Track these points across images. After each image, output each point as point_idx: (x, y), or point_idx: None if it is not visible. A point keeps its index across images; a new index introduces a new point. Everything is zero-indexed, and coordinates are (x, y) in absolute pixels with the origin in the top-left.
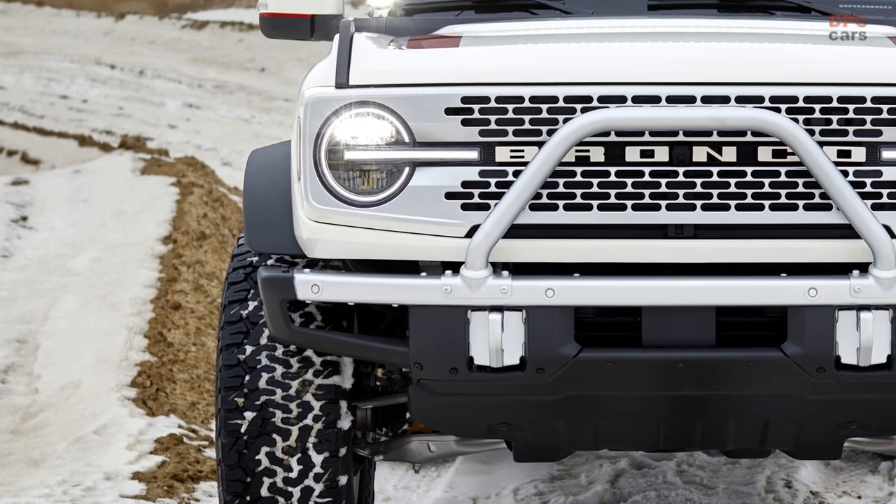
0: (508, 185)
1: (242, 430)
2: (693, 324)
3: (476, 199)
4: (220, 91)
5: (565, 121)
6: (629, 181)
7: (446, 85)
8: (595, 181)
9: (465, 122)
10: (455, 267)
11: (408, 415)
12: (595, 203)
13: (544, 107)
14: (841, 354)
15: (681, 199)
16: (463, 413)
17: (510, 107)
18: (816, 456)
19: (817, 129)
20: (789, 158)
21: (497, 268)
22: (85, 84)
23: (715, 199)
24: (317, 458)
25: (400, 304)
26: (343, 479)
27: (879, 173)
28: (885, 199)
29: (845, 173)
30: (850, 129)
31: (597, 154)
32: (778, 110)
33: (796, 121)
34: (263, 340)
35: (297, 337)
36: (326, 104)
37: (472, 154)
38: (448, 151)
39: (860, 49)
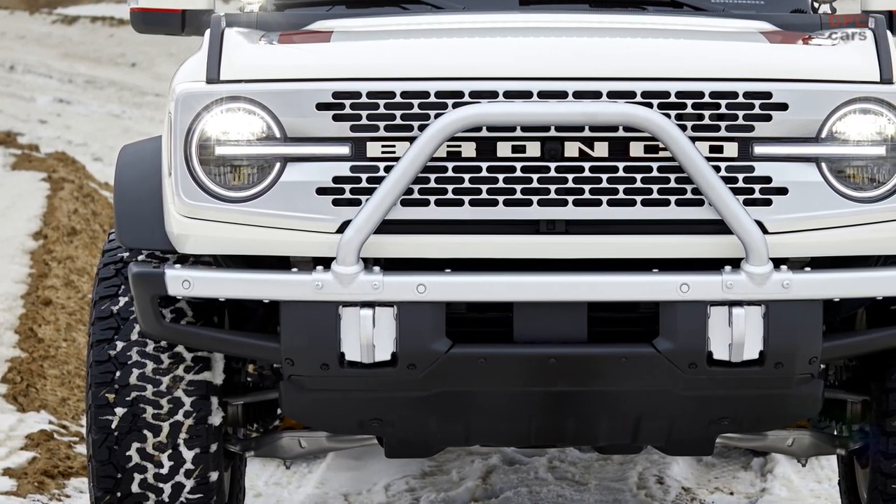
0: (380, 180)
1: (113, 426)
2: (564, 319)
3: (347, 195)
4: (91, 86)
5: (437, 116)
6: (501, 176)
7: (317, 80)
8: (466, 176)
9: (336, 118)
10: (326, 262)
11: (279, 411)
12: (466, 198)
13: (415, 102)
14: (713, 350)
15: (552, 195)
16: (334, 409)
17: (381, 102)
18: (688, 452)
19: (689, 124)
20: (661, 154)
21: (368, 263)
22: None
23: (587, 195)
24: (188, 455)
25: (271, 299)
26: (214, 476)
27: (752, 168)
28: (757, 195)
29: (717, 169)
30: (723, 124)
31: (468, 149)
32: (650, 105)
33: (668, 116)
34: (134, 336)
35: (167, 333)
36: (197, 99)
37: (343, 149)
38: (319, 147)
39: (732, 44)
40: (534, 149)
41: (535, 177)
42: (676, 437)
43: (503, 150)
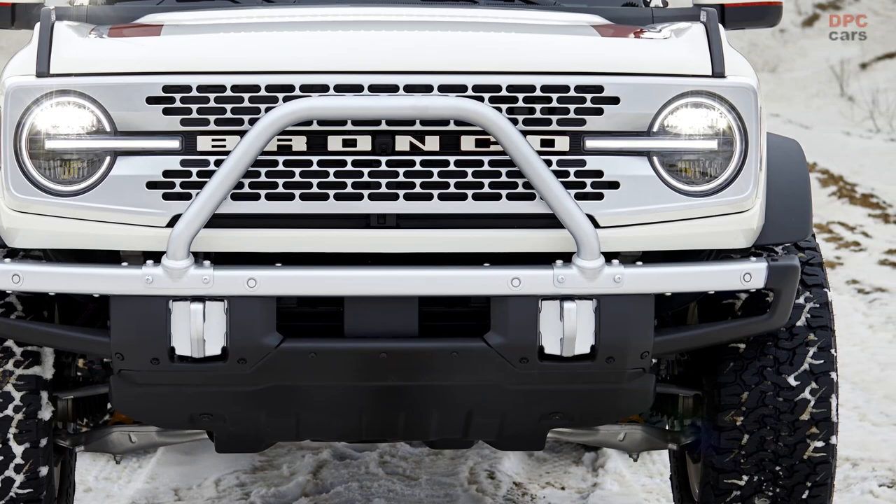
0: (210, 174)
1: None
2: (395, 314)
3: (178, 189)
4: None
5: (267, 110)
6: (331, 170)
7: (147, 74)
8: (297, 170)
9: (166, 111)
10: (157, 257)
11: (109, 405)
12: (297, 192)
13: (246, 95)
14: (544, 345)
15: (383, 189)
16: (164, 403)
17: (212, 95)
18: (520, 447)
19: (521, 118)
20: (493, 148)
21: (199, 258)
22: None
23: (418, 189)
24: (17, 449)
25: (101, 294)
26: (44, 471)
27: (583, 162)
28: (588, 189)
29: (549, 162)
30: (554, 118)
31: (299, 143)
32: (481, 99)
33: (499, 110)
34: None
35: None
36: (27, 93)
37: (174, 143)
38: (149, 140)
39: (563, 38)
40: (365, 143)
41: (365, 171)
42: (508, 431)
43: (334, 143)
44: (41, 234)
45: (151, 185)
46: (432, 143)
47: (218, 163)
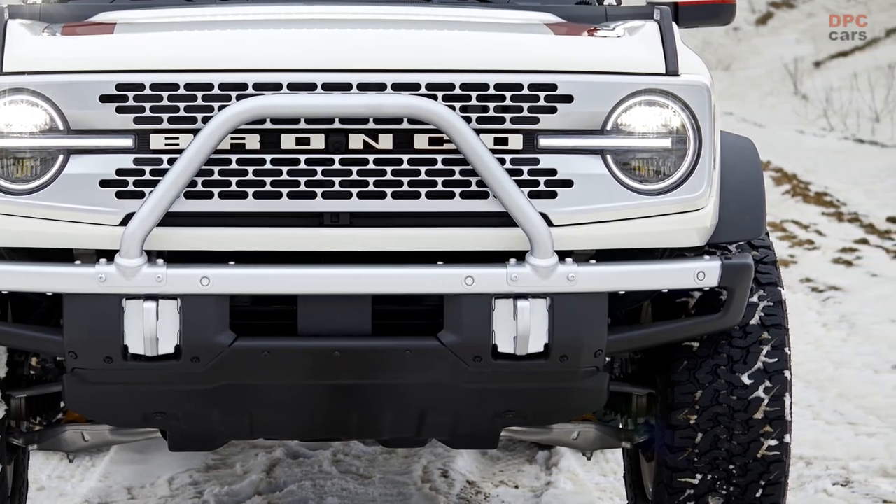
0: (163, 172)
1: None
2: (349, 312)
3: (131, 187)
4: None
5: (221, 108)
6: (285, 169)
7: (100, 72)
8: (250, 169)
9: (119, 110)
10: (110, 255)
11: (62, 404)
12: (251, 191)
13: (199, 94)
14: (498, 343)
15: (337, 187)
16: (117, 402)
17: (165, 94)
18: (473, 445)
19: (474, 116)
20: (446, 146)
21: (152, 256)
22: None
23: (371, 187)
24: None
25: (54, 292)
26: None
27: (536, 161)
28: (542, 187)
29: (502, 161)
30: (507, 116)
31: (252, 141)
32: (435, 97)
33: (453, 108)
34: None
35: None
36: None
37: (127, 142)
38: (102, 139)
39: (517, 36)
40: (318, 141)
41: (319, 169)
42: (461, 430)
43: (287, 142)
44: None
45: (104, 183)
46: (385, 142)
47: (171, 161)
